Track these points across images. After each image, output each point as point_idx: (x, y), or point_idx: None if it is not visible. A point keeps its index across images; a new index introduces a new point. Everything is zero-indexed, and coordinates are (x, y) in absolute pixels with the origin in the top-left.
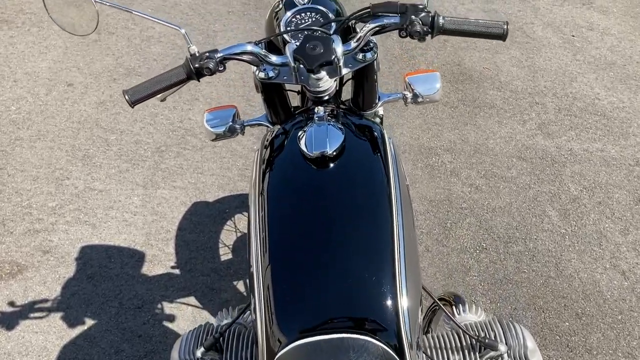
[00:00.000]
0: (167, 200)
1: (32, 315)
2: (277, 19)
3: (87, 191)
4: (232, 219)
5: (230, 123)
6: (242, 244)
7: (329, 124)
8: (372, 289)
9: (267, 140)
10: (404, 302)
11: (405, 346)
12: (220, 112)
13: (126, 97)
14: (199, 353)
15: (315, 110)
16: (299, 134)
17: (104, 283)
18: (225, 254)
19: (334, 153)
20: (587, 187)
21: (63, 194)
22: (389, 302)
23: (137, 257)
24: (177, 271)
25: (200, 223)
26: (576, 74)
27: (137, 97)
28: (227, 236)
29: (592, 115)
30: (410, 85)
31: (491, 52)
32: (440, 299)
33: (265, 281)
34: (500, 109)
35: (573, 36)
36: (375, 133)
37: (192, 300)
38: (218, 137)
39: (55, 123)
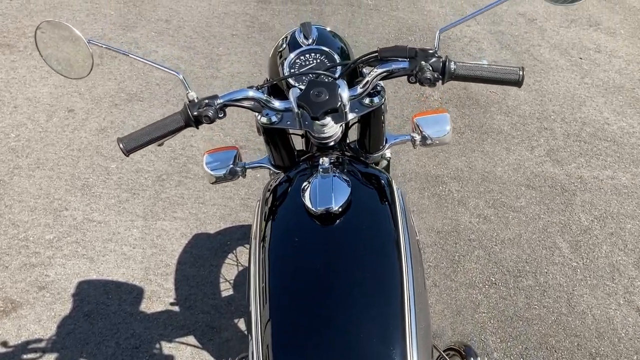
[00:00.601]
0: (167, 232)
1: (25, 356)
2: (281, 57)
3: (86, 223)
4: (234, 251)
5: (231, 165)
6: (243, 279)
7: (334, 176)
8: (380, 353)
9: (269, 190)
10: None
11: None
12: (220, 154)
13: (120, 145)
14: None
15: (320, 162)
16: (304, 185)
17: (100, 321)
18: (226, 290)
19: (340, 209)
20: (598, 217)
21: (61, 225)
22: None
23: (136, 293)
24: (176, 308)
25: (201, 256)
26: (585, 97)
27: (132, 146)
28: (229, 270)
29: (601, 141)
30: (418, 126)
31: None
32: (450, 349)
33: (265, 341)
34: (508, 135)
35: (581, 58)
36: (383, 183)
37: (191, 339)
38: (218, 180)
39: (55, 151)
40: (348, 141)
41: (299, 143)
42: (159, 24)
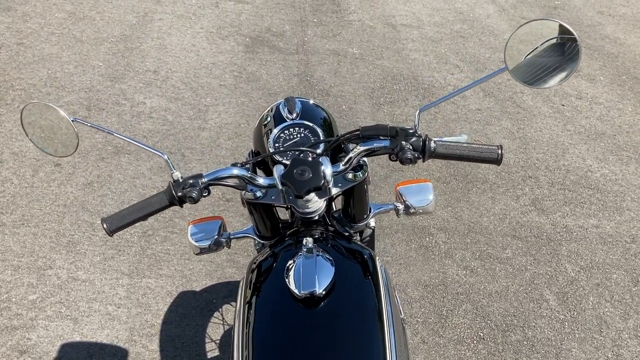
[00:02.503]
0: (152, 290)
1: None
2: (266, 129)
3: (70, 281)
4: (220, 310)
5: (216, 236)
6: (229, 338)
7: (317, 255)
8: None
9: (253, 268)
10: None
11: None
12: (205, 225)
13: (104, 225)
14: None
15: (304, 242)
16: (288, 264)
17: None
18: (211, 350)
19: (324, 292)
20: (584, 267)
21: (45, 285)
22: None
23: (120, 356)
24: None
25: (187, 315)
26: (567, 145)
27: (116, 226)
28: (214, 330)
29: (585, 189)
30: (402, 196)
31: (482, 123)
32: None
33: None
34: (493, 184)
35: (563, 105)
36: (366, 259)
37: None
38: (203, 252)
39: (40, 207)
40: (334, 209)
41: (283, 212)
42: (147, 75)
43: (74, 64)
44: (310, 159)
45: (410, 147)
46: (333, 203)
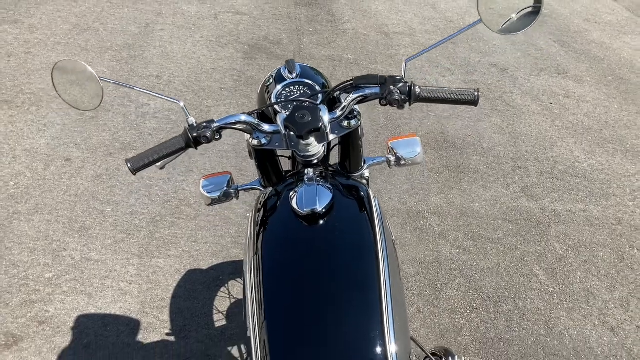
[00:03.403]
0: (161, 269)
1: None
2: (268, 92)
3: (84, 262)
4: (226, 285)
5: (225, 188)
6: (236, 310)
7: (318, 185)
8: (362, 337)
9: (260, 202)
10: (392, 348)
11: None
12: (215, 179)
13: (128, 165)
14: None
15: (305, 172)
16: (291, 194)
17: (100, 352)
18: (219, 320)
19: (324, 210)
20: (572, 247)
21: (60, 265)
22: (378, 349)
23: (133, 325)
24: (172, 338)
25: (195, 290)
26: (556, 139)
27: (138, 165)
28: (221, 302)
29: (573, 178)
30: (393, 149)
31: (473, 120)
32: (432, 354)
33: (262, 336)
34: (484, 174)
35: (551, 103)
36: (362, 192)
37: None
38: (214, 202)
39: (52, 197)
40: (330, 164)
41: (286, 165)
42: (150, 79)
43: None
44: None
45: (398, 92)
46: (330, 158)
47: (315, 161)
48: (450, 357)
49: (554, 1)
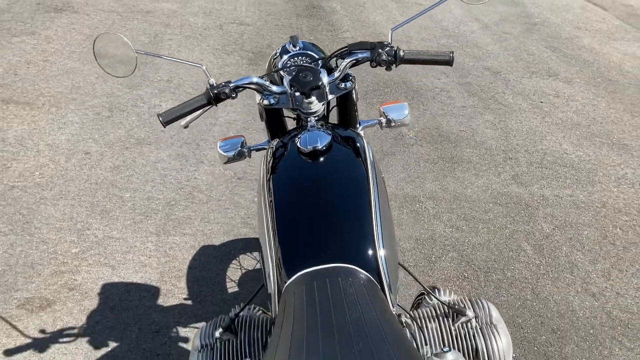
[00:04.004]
0: (177, 245)
1: (61, 340)
2: (275, 65)
3: (106, 239)
4: (237, 258)
5: (239, 148)
6: (247, 279)
7: (319, 130)
8: (357, 241)
9: (271, 147)
10: (381, 252)
11: (384, 280)
12: (230, 141)
13: (160, 118)
14: (217, 334)
15: (308, 120)
16: (296, 139)
17: (124, 312)
18: (232, 287)
19: (324, 148)
20: (558, 226)
21: (84, 241)
22: (369, 249)
23: (153, 292)
24: (189, 302)
25: (208, 262)
26: (545, 133)
27: (168, 119)
28: (233, 273)
29: (561, 167)
30: (384, 113)
31: (467, 117)
32: (420, 294)
33: (274, 236)
34: (476, 164)
35: (541, 102)
36: (356, 137)
37: (203, 324)
38: (229, 160)
39: (75, 185)
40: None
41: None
42: (161, 83)
43: (95, 75)
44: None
45: (386, 54)
46: (329, 117)
47: (316, 118)
48: (436, 290)
49: (547, 11)
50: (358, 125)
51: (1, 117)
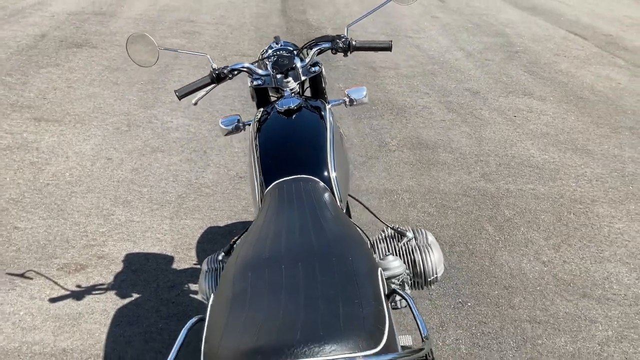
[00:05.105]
0: (188, 226)
1: (93, 292)
2: (262, 54)
3: (128, 222)
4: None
5: (236, 123)
6: None
7: (292, 97)
8: (316, 160)
9: (258, 112)
10: (333, 173)
11: (336, 194)
12: (229, 118)
13: (176, 93)
14: (220, 257)
15: (285, 90)
16: (276, 104)
17: (144, 273)
18: None
19: (295, 107)
20: (518, 212)
21: (110, 223)
22: (325, 169)
23: (168, 259)
24: (198, 266)
25: (214, 239)
26: (516, 141)
27: (182, 94)
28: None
29: (527, 168)
30: (348, 95)
31: (445, 129)
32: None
33: (258, 160)
34: (450, 165)
35: (515, 116)
36: (320, 104)
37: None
38: (228, 133)
39: (100, 182)
40: None
41: None
42: (172, 104)
43: (114, 98)
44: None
45: (342, 44)
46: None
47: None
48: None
49: (529, 40)
50: (327, 103)
51: (35, 132)
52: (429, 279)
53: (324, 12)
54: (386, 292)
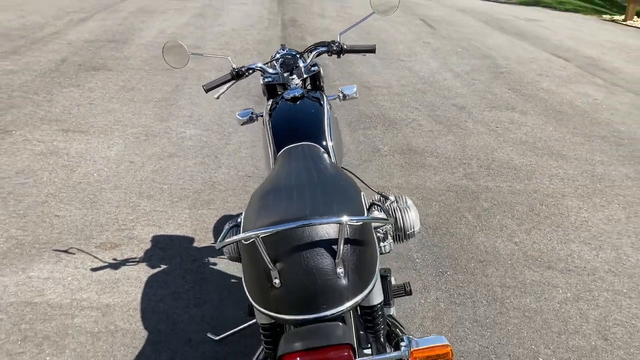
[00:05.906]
0: (205, 215)
1: (127, 264)
2: (271, 60)
3: (152, 212)
4: None
5: (251, 115)
6: None
7: (296, 88)
8: (317, 129)
9: (269, 102)
10: (330, 143)
11: (332, 155)
12: (244, 111)
13: (204, 87)
14: (239, 219)
15: (291, 84)
16: (284, 93)
17: (170, 250)
18: None
19: (298, 95)
20: (495, 204)
21: (137, 213)
22: (324, 139)
23: (189, 240)
24: (215, 245)
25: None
26: (496, 147)
27: (208, 88)
28: None
29: (505, 169)
30: (342, 91)
31: (432, 137)
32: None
33: (271, 132)
34: (436, 167)
35: (497, 127)
36: (319, 94)
37: None
38: (244, 123)
39: (125, 181)
40: None
41: None
42: (184, 117)
43: (131, 113)
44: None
45: (336, 47)
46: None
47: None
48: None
49: (514, 62)
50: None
51: (64, 140)
52: (408, 233)
53: (321, 38)
54: (367, 207)
